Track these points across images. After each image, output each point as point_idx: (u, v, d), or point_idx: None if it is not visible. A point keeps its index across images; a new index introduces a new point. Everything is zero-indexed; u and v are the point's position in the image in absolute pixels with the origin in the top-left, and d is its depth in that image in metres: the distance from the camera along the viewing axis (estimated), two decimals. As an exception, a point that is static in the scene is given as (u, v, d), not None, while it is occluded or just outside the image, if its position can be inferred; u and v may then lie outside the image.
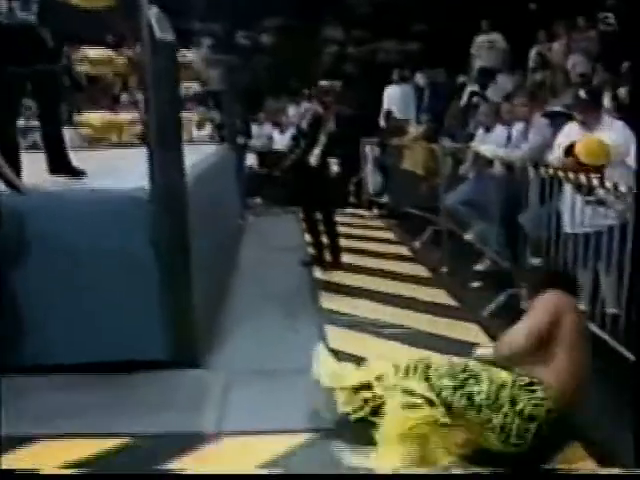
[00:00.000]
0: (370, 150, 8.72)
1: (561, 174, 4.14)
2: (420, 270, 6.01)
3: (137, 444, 3.02)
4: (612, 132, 4.09)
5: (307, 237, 6.46)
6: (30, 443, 3.00)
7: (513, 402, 2.72)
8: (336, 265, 6.09)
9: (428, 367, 2.93)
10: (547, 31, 9.19)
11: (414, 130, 8.07)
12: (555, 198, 4.24)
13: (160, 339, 3.81)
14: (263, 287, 5.52)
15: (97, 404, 3.34)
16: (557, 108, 5.35)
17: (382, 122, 8.52)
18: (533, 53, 9.27)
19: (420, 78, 9.74)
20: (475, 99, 7.98)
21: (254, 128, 10.97)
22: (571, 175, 4.06)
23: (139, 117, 8.76)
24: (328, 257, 6.16)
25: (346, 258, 6.31)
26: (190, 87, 8.94)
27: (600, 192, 3.94)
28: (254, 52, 12.88)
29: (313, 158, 5.86)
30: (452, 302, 5.04)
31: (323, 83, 6.04)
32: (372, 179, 8.73)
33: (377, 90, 10.34)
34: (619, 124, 4.19)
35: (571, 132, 4.34)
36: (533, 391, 2.75)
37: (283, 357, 3.99)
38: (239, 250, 7.01)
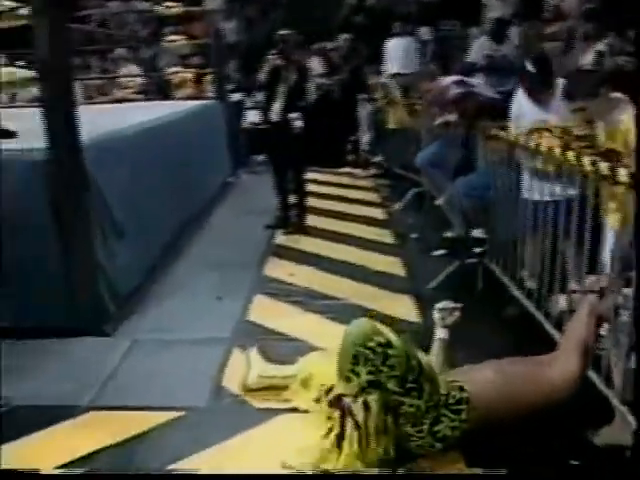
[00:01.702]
0: (363, 107, 8.35)
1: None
2: (386, 236, 5.74)
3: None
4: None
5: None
6: None
7: (434, 423, 2.48)
8: (300, 229, 5.88)
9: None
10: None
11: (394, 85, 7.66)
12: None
13: (64, 306, 3.71)
14: (219, 252, 5.34)
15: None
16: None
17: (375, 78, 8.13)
18: (547, 2, 8.64)
19: (425, 32, 9.23)
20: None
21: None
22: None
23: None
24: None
25: (316, 221, 6.10)
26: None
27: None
28: (271, 4, 12.49)
29: (274, 113, 5.58)
30: (401, 273, 4.77)
31: (282, 32, 5.64)
32: (365, 137, 8.38)
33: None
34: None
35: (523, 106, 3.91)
36: (458, 412, 2.49)
37: (194, 327, 3.85)
38: (215, 210, 6.84)
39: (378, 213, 6.57)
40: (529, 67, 3.84)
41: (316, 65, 10.12)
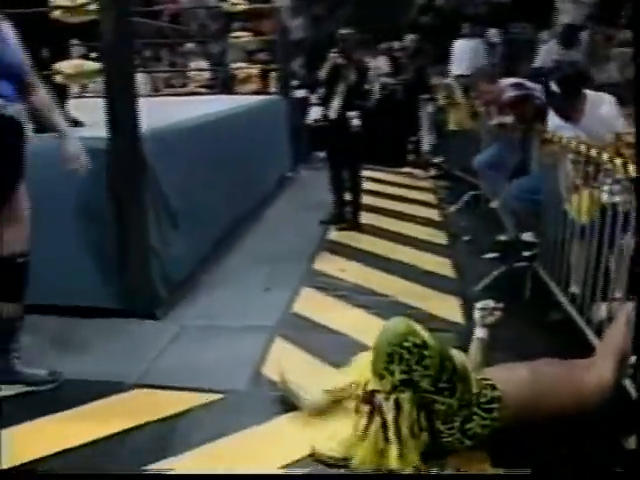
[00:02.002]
0: (425, 107, 8.35)
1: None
2: (439, 237, 5.73)
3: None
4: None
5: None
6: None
7: (465, 421, 2.49)
8: (354, 226, 5.94)
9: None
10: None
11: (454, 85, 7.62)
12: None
13: (119, 288, 3.87)
14: (272, 245, 5.44)
15: (32, 344, 3.40)
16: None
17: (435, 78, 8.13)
18: (625, 8, 8.39)
19: (493, 34, 9.13)
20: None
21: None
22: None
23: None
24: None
25: (371, 219, 6.15)
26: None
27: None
28: (338, 2, 12.55)
29: (332, 111, 5.67)
30: (451, 274, 4.77)
31: (342, 31, 5.74)
32: (426, 138, 8.37)
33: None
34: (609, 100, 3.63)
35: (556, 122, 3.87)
36: (489, 410, 2.50)
37: (240, 316, 3.95)
38: (272, 204, 6.96)
39: (434, 214, 6.56)
40: (553, 87, 3.79)
41: (382, 64, 10.16)
